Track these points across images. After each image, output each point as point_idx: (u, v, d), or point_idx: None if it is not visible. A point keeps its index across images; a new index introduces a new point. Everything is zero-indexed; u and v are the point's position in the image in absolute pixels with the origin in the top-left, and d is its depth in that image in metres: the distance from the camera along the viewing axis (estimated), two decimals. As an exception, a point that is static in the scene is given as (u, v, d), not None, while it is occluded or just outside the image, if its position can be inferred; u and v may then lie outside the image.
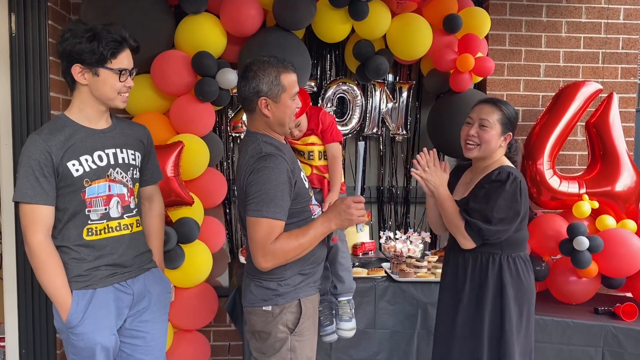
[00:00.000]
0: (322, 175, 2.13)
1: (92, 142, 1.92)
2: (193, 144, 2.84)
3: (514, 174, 2.07)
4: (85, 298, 1.90)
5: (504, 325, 2.08)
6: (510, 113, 2.17)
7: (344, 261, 2.04)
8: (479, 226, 2.05)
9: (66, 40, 1.85)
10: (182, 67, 2.83)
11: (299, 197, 1.87)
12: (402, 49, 3.11)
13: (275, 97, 1.85)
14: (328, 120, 2.12)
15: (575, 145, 3.52)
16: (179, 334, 2.98)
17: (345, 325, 2.07)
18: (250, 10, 2.86)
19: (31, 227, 1.83)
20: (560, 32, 3.50)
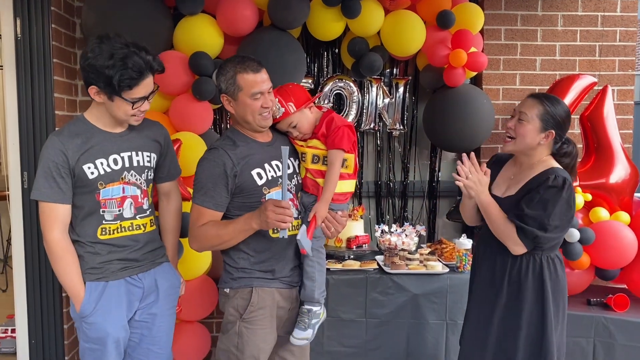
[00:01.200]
0: (315, 179, 2.05)
1: (108, 146, 2.00)
2: (191, 142, 2.92)
3: (569, 180, 2.01)
4: (97, 290, 2.00)
5: (545, 325, 2.06)
6: (556, 110, 2.06)
7: (308, 269, 2.03)
8: (535, 234, 1.99)
9: (87, 59, 1.88)
10: (179, 67, 2.92)
11: (245, 192, 1.98)
12: (396, 45, 3.17)
13: (233, 95, 1.98)
14: (333, 125, 2.01)
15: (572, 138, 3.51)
16: (181, 325, 3.08)
17: (298, 334, 2.04)
18: (245, 11, 2.93)
19: (49, 224, 1.93)
20: (556, 25, 3.51)
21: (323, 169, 2.05)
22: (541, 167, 2.07)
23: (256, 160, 2.01)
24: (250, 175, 1.99)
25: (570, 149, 2.12)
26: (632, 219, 3.03)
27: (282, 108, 2.05)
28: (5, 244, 5.42)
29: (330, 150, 2.02)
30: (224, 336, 2.05)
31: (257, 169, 2.01)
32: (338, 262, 2.91)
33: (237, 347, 2.00)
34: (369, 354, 2.79)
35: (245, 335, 2.00)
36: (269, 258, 2.03)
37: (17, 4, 2.90)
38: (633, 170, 3.12)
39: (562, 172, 2.03)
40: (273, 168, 2.05)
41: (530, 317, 2.07)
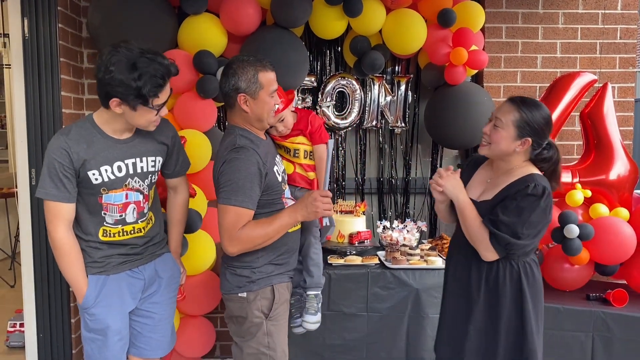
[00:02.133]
0: (306, 174, 2.20)
1: (113, 153, 1.99)
2: (196, 139, 2.97)
3: (548, 189, 1.94)
4: (98, 283, 2.06)
5: (526, 331, 2.00)
6: (533, 117, 1.95)
7: (315, 256, 2.13)
8: (507, 241, 1.93)
9: (110, 73, 1.82)
10: (184, 66, 2.95)
11: (270, 189, 2.00)
12: (398, 43, 3.20)
13: (253, 94, 1.98)
14: (317, 123, 2.20)
15: (574, 135, 3.56)
16: (186, 320, 3.14)
17: (310, 319, 2.14)
18: (248, 10, 2.98)
19: (54, 222, 1.96)
20: (557, 23, 3.54)
21: (311, 163, 2.26)
22: (519, 173, 2.00)
23: (271, 158, 2.07)
24: (274, 172, 2.05)
25: (551, 154, 2.03)
26: (631, 215, 3.06)
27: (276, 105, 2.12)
28: (13, 241, 5.50)
29: (318, 145, 2.21)
30: (251, 340, 2.01)
31: (275, 166, 2.08)
32: (340, 257, 2.95)
33: (268, 347, 2.00)
34: (370, 347, 2.84)
35: (274, 334, 2.01)
36: (284, 252, 2.08)
37: (24, 4, 2.95)
38: (632, 167, 3.15)
39: (542, 180, 1.96)
40: (279, 164, 2.14)
41: (509, 323, 2.02)
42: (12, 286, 5.05)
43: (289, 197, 2.12)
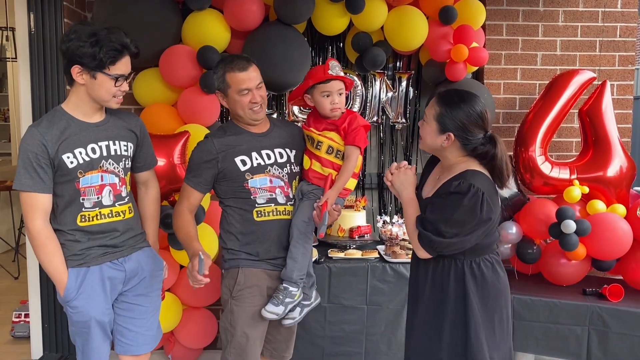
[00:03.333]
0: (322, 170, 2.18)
1: (86, 136, 2.04)
2: (199, 133, 2.99)
3: (475, 186, 1.83)
4: (79, 275, 2.06)
5: (469, 335, 1.89)
6: (454, 113, 1.88)
7: (293, 249, 2.13)
8: (430, 239, 1.87)
9: (70, 40, 1.94)
10: (188, 61, 3.01)
11: (227, 178, 2.18)
12: (399, 40, 3.24)
13: (224, 92, 2.19)
14: (355, 124, 2.16)
15: (572, 132, 3.60)
16: (188, 311, 3.19)
17: (269, 307, 2.11)
18: (251, 6, 3.01)
19: (31, 213, 1.98)
20: (557, 21, 3.56)
21: (334, 161, 2.20)
22: (459, 169, 1.93)
23: (243, 149, 2.19)
24: (234, 162, 2.17)
25: (487, 149, 1.90)
26: (628, 211, 3.09)
27: (342, 73, 2.23)
28: (17, 233, 5.55)
29: (349, 145, 2.18)
30: (222, 314, 2.24)
31: (242, 157, 2.18)
32: (340, 251, 3.00)
33: (230, 324, 2.18)
34: (369, 339, 2.89)
35: (235, 312, 2.16)
36: (253, 240, 2.19)
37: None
38: (630, 164, 3.18)
39: (474, 177, 1.87)
40: (261, 156, 2.21)
41: (454, 325, 1.92)
42: (16, 278, 5.11)
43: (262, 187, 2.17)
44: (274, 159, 2.22)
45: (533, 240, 3.16)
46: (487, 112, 1.93)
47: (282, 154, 2.25)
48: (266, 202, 2.19)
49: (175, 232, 2.24)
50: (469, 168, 1.92)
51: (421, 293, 2.01)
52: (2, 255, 5.62)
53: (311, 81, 2.20)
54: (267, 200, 2.19)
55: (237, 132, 2.22)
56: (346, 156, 2.18)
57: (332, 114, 2.20)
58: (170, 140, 2.92)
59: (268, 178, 2.20)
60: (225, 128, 2.26)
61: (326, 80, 2.17)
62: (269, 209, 2.19)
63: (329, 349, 2.90)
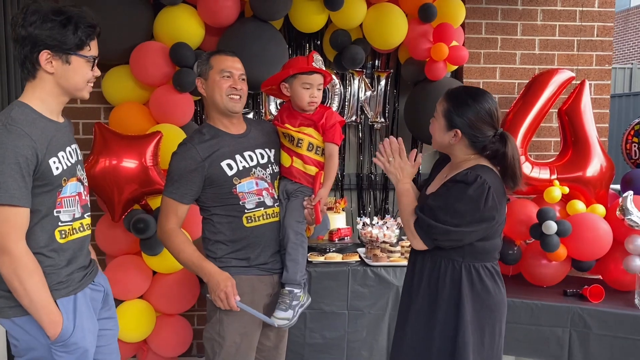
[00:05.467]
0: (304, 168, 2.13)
1: (61, 138, 1.74)
2: (172, 134, 2.90)
3: (482, 178, 1.79)
4: (70, 305, 1.73)
5: (457, 340, 1.84)
6: (461, 110, 1.84)
7: (292, 251, 2.08)
8: (427, 223, 1.82)
9: (32, 24, 1.62)
10: (160, 58, 2.89)
11: (215, 184, 2.05)
12: (378, 38, 3.18)
13: (205, 75, 2.09)
14: (333, 120, 2.13)
15: (551, 132, 3.59)
16: (162, 318, 3.07)
17: (279, 314, 2.06)
18: (226, 1, 2.91)
19: (15, 233, 1.60)
20: (536, 20, 3.55)
21: (315, 158, 2.15)
22: (467, 165, 1.88)
23: (226, 152, 2.07)
24: (220, 167, 2.05)
25: (496, 147, 1.86)
26: (607, 211, 3.09)
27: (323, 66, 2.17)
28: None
29: (329, 143, 2.14)
30: (208, 324, 2.10)
31: (227, 160, 2.07)
32: (320, 255, 2.92)
33: (219, 334, 2.06)
34: (350, 345, 2.82)
35: (225, 322, 2.05)
36: (244, 247, 2.09)
37: (-9, -7, 2.84)
38: (609, 163, 3.18)
39: (482, 171, 1.82)
40: (245, 159, 2.11)
41: (444, 330, 1.86)
42: None
43: (249, 191, 2.07)
44: (256, 161, 2.12)
45: (513, 241, 3.14)
46: (497, 109, 1.89)
47: (263, 155, 2.15)
48: (255, 206, 2.09)
49: (175, 254, 2.05)
50: (479, 164, 1.87)
51: (415, 292, 1.95)
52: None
53: (292, 70, 2.13)
54: (257, 204, 2.09)
55: (216, 134, 2.10)
56: (329, 154, 2.15)
57: (309, 108, 2.14)
58: (141, 141, 2.80)
59: (254, 181, 2.10)
60: (203, 131, 2.11)
61: (309, 72, 2.11)
62: (259, 214, 2.09)
63: (309, 356, 2.81)
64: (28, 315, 1.66)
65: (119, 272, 2.95)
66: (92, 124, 3.00)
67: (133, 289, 2.98)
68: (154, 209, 2.86)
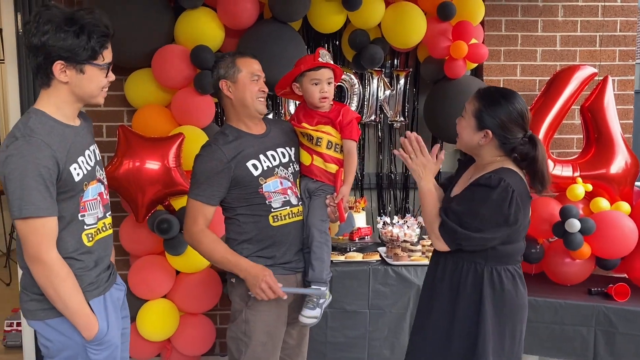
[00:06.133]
0: (325, 166, 2.14)
1: (79, 142, 1.76)
2: (194, 135, 2.93)
3: (506, 181, 1.76)
4: (101, 305, 1.79)
5: (477, 343, 1.83)
6: (493, 110, 1.82)
7: (317, 250, 2.10)
8: (454, 229, 1.80)
9: (45, 33, 1.61)
10: (181, 61, 2.92)
11: (241, 184, 2.06)
12: (397, 37, 3.17)
13: (233, 78, 2.08)
14: (349, 117, 2.14)
15: (573, 129, 3.55)
16: (185, 318, 3.11)
17: (307, 312, 2.09)
18: (245, 4, 2.93)
19: (46, 243, 1.63)
20: (557, 16, 3.51)
21: (335, 156, 2.17)
22: (492, 168, 1.86)
23: (251, 152, 2.08)
24: (246, 168, 2.07)
25: (526, 150, 1.84)
26: (632, 208, 3.05)
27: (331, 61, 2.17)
28: (8, 238, 5.44)
29: (347, 140, 2.16)
30: (233, 324, 2.11)
31: (253, 161, 2.08)
32: (341, 254, 2.93)
33: (244, 334, 2.07)
34: (371, 344, 2.83)
35: (251, 322, 2.07)
36: (269, 245, 2.11)
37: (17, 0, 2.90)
38: (633, 160, 3.14)
39: (506, 174, 1.80)
40: (268, 158, 2.12)
41: (464, 332, 1.86)
42: (7, 284, 5.00)
43: (275, 190, 2.09)
44: (279, 160, 2.14)
45: (536, 239, 3.11)
46: (528, 111, 1.88)
47: (284, 154, 2.17)
48: (282, 205, 2.10)
49: (208, 255, 2.09)
50: (503, 166, 1.85)
51: (436, 293, 1.94)
52: (-7, 261, 5.51)
53: (300, 68, 2.15)
54: (283, 203, 2.11)
55: (239, 135, 2.11)
56: (347, 151, 2.16)
57: (321, 104, 2.15)
58: (164, 142, 2.84)
59: (278, 180, 2.11)
60: (226, 132, 2.11)
61: (316, 67, 2.12)
62: (285, 212, 2.11)
63: (330, 355, 2.83)
64: (61, 316, 1.70)
65: (143, 272, 3.00)
66: (115, 127, 3.05)
67: (157, 288, 3.02)
68: (177, 209, 2.90)
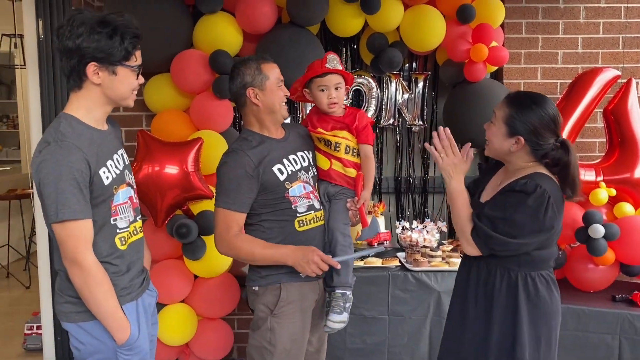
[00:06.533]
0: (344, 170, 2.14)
1: (108, 146, 1.77)
2: (212, 140, 2.94)
3: (542, 187, 1.75)
4: (134, 310, 1.80)
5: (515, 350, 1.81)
6: (525, 116, 1.79)
7: (341, 254, 2.07)
8: (487, 234, 1.78)
9: (80, 36, 1.64)
10: (199, 66, 2.93)
11: (268, 190, 2.03)
12: (416, 40, 3.15)
13: (261, 86, 2.03)
14: (365, 122, 2.14)
15: (595, 132, 3.49)
16: (203, 322, 3.11)
17: (334, 317, 2.07)
18: (264, 8, 2.93)
19: (83, 245, 1.65)
20: (579, 18, 3.46)
21: (353, 160, 2.16)
22: (524, 173, 1.84)
23: (275, 157, 2.06)
24: (272, 172, 2.04)
25: (559, 156, 1.81)
26: (658, 214, 2.99)
27: (340, 66, 2.13)
28: (27, 241, 5.51)
29: (364, 144, 2.15)
30: (256, 332, 2.08)
31: (278, 165, 2.06)
32: (360, 260, 2.91)
33: (269, 342, 2.04)
34: (391, 351, 2.80)
35: (277, 330, 2.04)
36: None
37: (39, 5, 2.95)
38: (658, 164, 3.07)
39: (542, 180, 1.78)
40: (291, 163, 2.10)
41: (501, 339, 1.84)
42: (27, 287, 5.06)
43: (300, 195, 2.07)
44: (300, 164, 2.12)
45: (558, 245, 3.05)
46: (560, 115, 1.85)
47: (304, 157, 2.15)
48: (307, 210, 2.08)
49: (250, 258, 2.04)
50: (537, 171, 1.83)
51: (470, 298, 1.92)
52: (13, 264, 5.57)
53: (309, 74, 2.14)
54: (307, 207, 2.09)
55: (262, 140, 2.07)
56: (365, 155, 2.16)
57: (330, 110, 2.14)
58: (183, 147, 2.85)
59: (302, 184, 2.09)
60: (248, 138, 2.07)
61: (323, 73, 2.10)
62: (310, 217, 2.09)
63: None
64: (95, 319, 1.72)
65: (161, 276, 3.00)
66: (135, 132, 3.06)
67: (175, 293, 3.02)
68: (195, 214, 2.90)
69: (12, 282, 5.22)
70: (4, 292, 5.01)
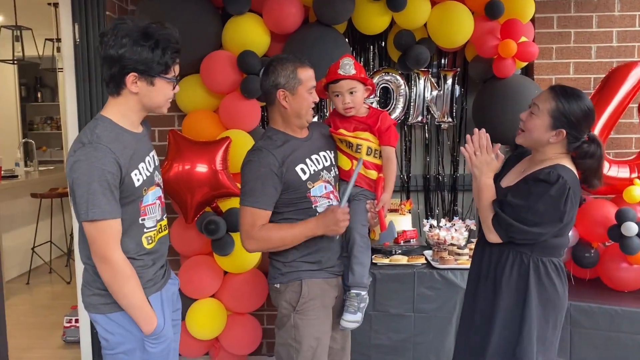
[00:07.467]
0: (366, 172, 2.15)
1: (141, 148, 1.85)
2: (240, 139, 2.99)
3: (564, 178, 1.81)
4: (159, 300, 1.89)
5: (522, 333, 1.89)
6: (570, 108, 1.83)
7: (358, 254, 2.09)
8: (508, 222, 1.85)
9: (123, 46, 1.71)
10: (228, 67, 2.99)
11: (290, 188, 2.04)
12: (443, 37, 3.13)
13: (292, 90, 2.03)
14: (388, 123, 2.15)
15: (631, 128, 3.39)
16: (232, 317, 3.18)
17: (348, 317, 2.08)
18: (291, 8, 2.97)
19: (112, 243, 1.73)
20: (613, 10, 3.37)
21: (375, 162, 2.17)
22: (548, 163, 1.90)
23: (298, 156, 2.08)
24: (295, 172, 2.06)
25: (592, 149, 1.89)
26: (695, 212, 2.89)
27: (354, 70, 2.11)
28: (69, 238, 5.71)
29: (387, 146, 2.16)
30: (281, 330, 2.10)
31: (301, 165, 2.07)
32: (385, 257, 2.92)
33: (294, 339, 2.06)
34: (416, 348, 2.80)
35: (301, 327, 2.06)
36: (316, 250, 2.10)
37: (75, 10, 3.04)
38: (696, 160, 2.97)
39: (563, 171, 1.84)
40: (314, 162, 2.11)
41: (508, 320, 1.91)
42: (68, 282, 5.25)
43: (321, 195, 2.08)
44: (322, 164, 2.13)
45: (590, 243, 2.99)
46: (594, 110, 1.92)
47: (326, 157, 2.17)
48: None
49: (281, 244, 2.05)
50: (559, 163, 1.89)
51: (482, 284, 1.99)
52: (55, 260, 5.79)
53: (324, 80, 2.16)
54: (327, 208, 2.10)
55: (285, 139, 2.08)
56: (387, 157, 2.16)
57: (346, 113, 2.16)
58: (211, 146, 2.91)
59: (323, 184, 2.11)
60: (273, 137, 2.08)
61: (335, 80, 2.12)
62: None
63: (375, 357, 2.82)
64: (122, 310, 1.80)
65: (192, 272, 3.08)
66: (166, 132, 3.15)
67: (205, 288, 3.10)
68: (224, 211, 2.96)
69: (54, 278, 5.44)
70: (46, 287, 5.22)
